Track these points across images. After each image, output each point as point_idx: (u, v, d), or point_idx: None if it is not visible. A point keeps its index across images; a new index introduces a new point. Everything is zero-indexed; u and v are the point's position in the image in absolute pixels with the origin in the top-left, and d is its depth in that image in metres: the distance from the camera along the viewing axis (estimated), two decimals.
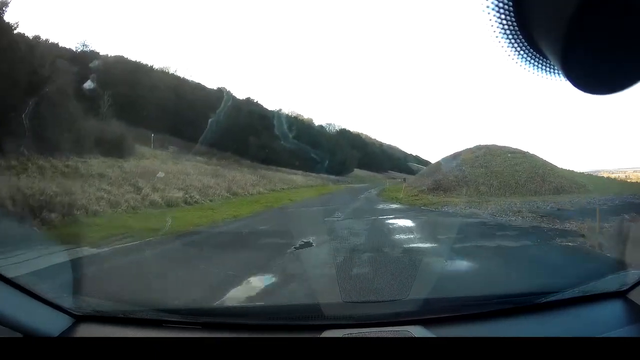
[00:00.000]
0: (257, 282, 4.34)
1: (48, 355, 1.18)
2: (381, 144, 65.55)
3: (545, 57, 0.77)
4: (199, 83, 34.77)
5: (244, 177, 24.54)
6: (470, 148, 22.80)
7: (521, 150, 22.33)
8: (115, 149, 16.96)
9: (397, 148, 69.40)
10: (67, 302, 1.64)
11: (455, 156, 22.79)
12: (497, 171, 19.59)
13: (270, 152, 32.48)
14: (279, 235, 7.49)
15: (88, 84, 20.23)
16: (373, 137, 63.65)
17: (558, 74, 0.78)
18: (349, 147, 50.68)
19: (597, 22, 0.63)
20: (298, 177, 34.24)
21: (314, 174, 37.45)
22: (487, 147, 22.61)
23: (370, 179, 48.92)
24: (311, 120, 47.60)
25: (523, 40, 0.76)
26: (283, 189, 25.29)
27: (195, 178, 18.55)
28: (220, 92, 32.84)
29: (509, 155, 21.54)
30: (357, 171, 51.39)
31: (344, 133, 53.54)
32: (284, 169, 34.82)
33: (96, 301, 2.32)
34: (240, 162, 28.72)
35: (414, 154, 67.93)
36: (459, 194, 17.23)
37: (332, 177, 41.65)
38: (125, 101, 23.10)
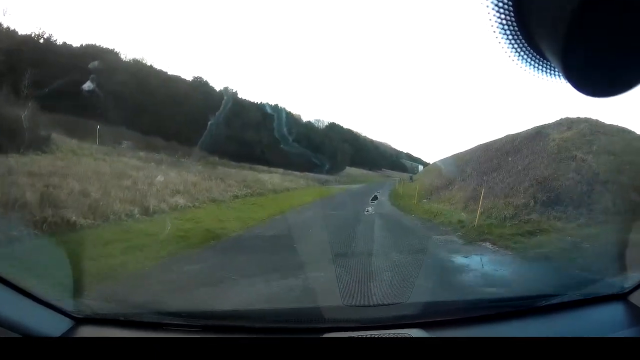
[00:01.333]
0: None
1: (48, 355, 1.16)
2: (372, 141, 60.02)
3: (545, 58, 0.76)
4: (172, 75, 29.60)
5: (178, 176, 14.85)
6: (557, 121, 13.01)
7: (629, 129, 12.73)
8: (11, 141, 12.42)
9: (388, 145, 65.32)
10: (67, 304, 1.58)
11: (534, 136, 12.82)
12: (634, 161, 9.80)
13: (243, 146, 26.97)
14: None
15: (88, 85, 18.74)
16: (363, 134, 57.69)
17: (558, 75, 0.76)
18: (340, 141, 43.34)
19: (597, 23, 0.62)
20: (273, 177, 24.09)
21: (297, 173, 29.08)
22: (586, 120, 12.84)
23: (365, 178, 42.47)
24: (299, 116, 40.75)
25: (523, 40, 0.75)
26: (236, 196, 14.90)
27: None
28: (197, 83, 29.49)
29: (629, 135, 11.90)
30: (349, 169, 43.89)
31: (334, 127, 46.65)
32: (259, 166, 26.70)
33: (96, 303, 2.20)
34: (206, 159, 22.92)
35: (405, 152, 65.45)
36: (606, 213, 7.32)
37: (321, 176, 32.74)
38: (74, 90, 19.19)
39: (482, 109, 71.46)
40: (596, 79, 0.70)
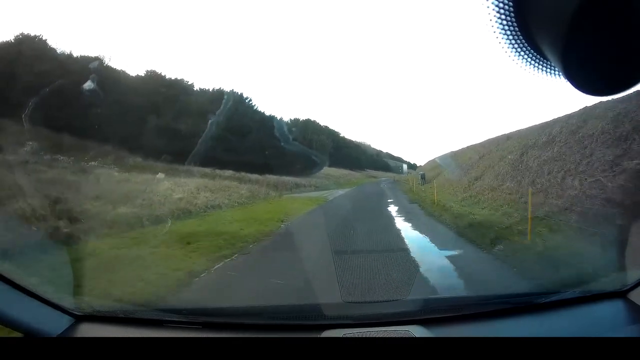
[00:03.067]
0: None
1: (48, 355, 1.15)
2: (352, 140, 55.69)
3: (545, 57, 0.76)
4: (121, 70, 24.59)
5: None
6: None
7: None
8: None
9: (368, 145, 63.55)
10: (67, 302, 1.57)
11: None
12: None
13: (177, 142, 20.42)
14: None
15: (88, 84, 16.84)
16: (342, 133, 52.48)
17: (558, 74, 0.77)
18: (316, 134, 37.04)
19: (597, 22, 0.62)
20: (188, 184, 12.90)
21: (253, 176, 20.64)
22: None
23: (348, 180, 36.13)
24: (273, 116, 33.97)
25: (523, 39, 0.75)
26: None
27: None
28: (148, 78, 25.08)
29: None
30: (328, 169, 36.75)
31: (309, 123, 40.34)
32: (196, 168, 19.10)
33: (97, 301, 2.16)
34: (124, 160, 16.91)
35: (385, 151, 63.88)
36: None
37: (288, 178, 24.24)
38: None
39: (478, 106, 66.79)
40: (595, 78, 0.70)
